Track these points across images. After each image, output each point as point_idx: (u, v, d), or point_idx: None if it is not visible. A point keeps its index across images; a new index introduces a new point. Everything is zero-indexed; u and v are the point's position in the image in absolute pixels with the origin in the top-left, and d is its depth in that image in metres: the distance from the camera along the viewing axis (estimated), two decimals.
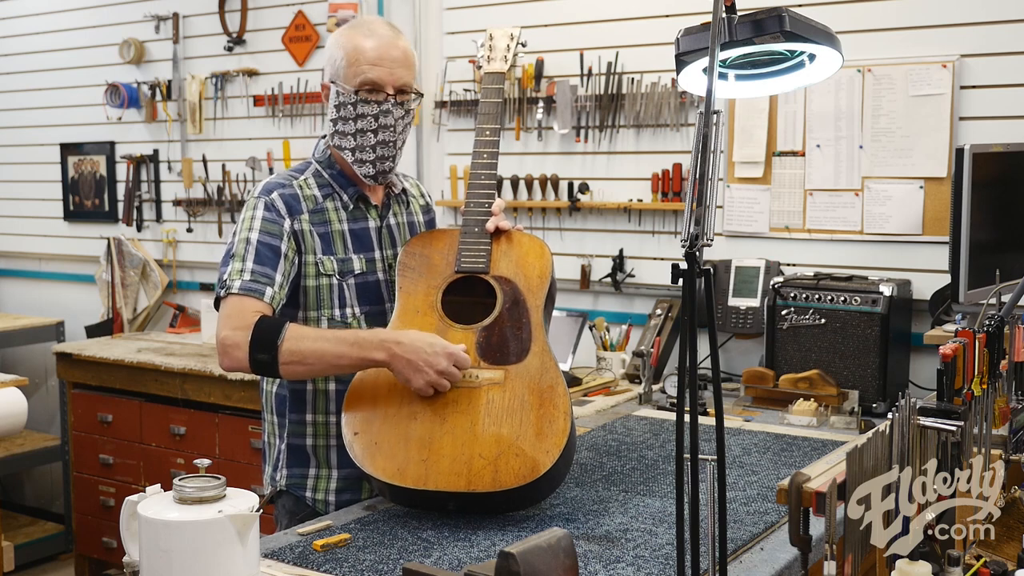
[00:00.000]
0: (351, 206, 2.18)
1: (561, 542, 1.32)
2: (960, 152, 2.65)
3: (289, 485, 2.19)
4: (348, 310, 2.14)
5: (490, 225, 2.17)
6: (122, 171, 4.90)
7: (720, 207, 3.41)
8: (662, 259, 3.56)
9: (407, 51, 2.15)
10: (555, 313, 3.09)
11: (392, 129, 2.14)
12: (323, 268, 2.12)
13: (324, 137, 2.24)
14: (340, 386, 2.13)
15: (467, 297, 2.14)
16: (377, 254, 2.20)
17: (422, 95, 2.24)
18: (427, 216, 2.37)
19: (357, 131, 2.13)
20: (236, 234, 2.09)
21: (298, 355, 1.96)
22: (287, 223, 2.10)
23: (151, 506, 1.49)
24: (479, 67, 2.41)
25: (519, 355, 2.03)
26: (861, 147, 3.18)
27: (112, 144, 4.94)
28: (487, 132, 2.26)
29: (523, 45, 2.47)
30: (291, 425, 2.18)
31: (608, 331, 3.45)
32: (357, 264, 2.16)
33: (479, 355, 2.03)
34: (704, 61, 1.58)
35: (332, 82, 2.14)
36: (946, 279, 2.86)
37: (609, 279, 3.62)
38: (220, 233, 4.62)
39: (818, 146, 3.25)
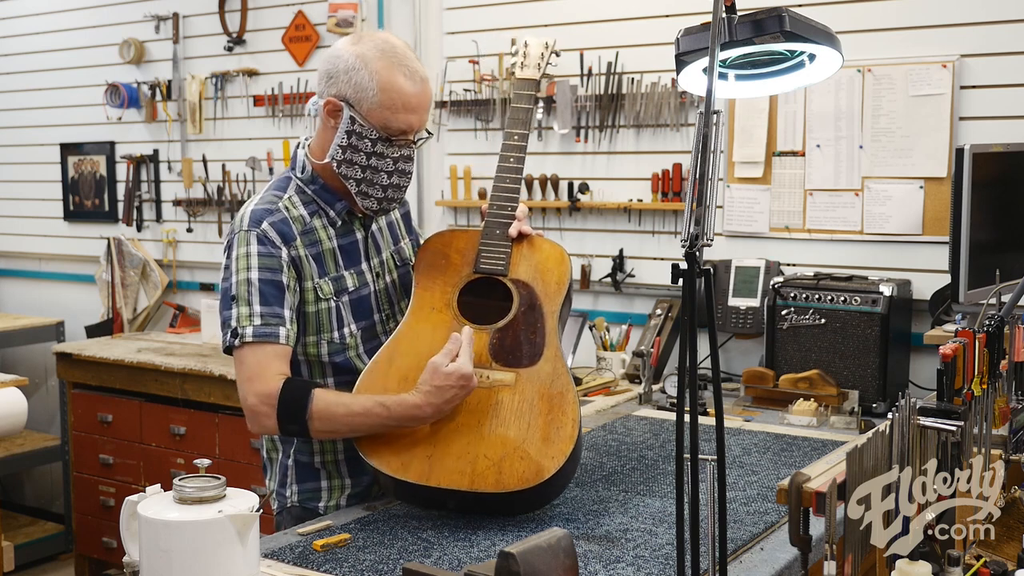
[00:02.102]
0: (339, 222, 2.11)
1: (561, 542, 1.32)
2: (960, 152, 2.65)
3: (301, 500, 2.13)
4: (345, 330, 2.09)
5: (512, 230, 2.16)
6: (122, 171, 4.90)
7: (720, 207, 3.41)
8: (662, 259, 3.56)
9: (431, 86, 2.08)
10: None
11: (409, 175, 2.09)
12: (321, 293, 2.06)
13: (299, 147, 2.13)
14: None
15: (484, 298, 2.14)
16: (365, 265, 2.15)
17: (431, 134, 2.21)
18: (402, 210, 2.32)
19: (368, 167, 2.04)
20: (234, 273, 1.99)
21: (330, 429, 1.96)
22: (284, 253, 2.01)
23: (151, 506, 1.49)
24: (512, 73, 2.41)
25: (531, 359, 2.03)
26: (861, 147, 3.18)
27: (112, 144, 4.94)
28: (515, 137, 2.26)
29: (557, 55, 2.47)
30: (297, 442, 2.13)
31: (608, 331, 3.45)
32: (350, 281, 2.11)
33: (491, 356, 2.03)
34: (704, 61, 1.58)
35: (349, 104, 1.99)
36: (946, 279, 2.86)
37: (609, 279, 3.62)
38: (220, 233, 4.62)
39: (818, 146, 3.25)
